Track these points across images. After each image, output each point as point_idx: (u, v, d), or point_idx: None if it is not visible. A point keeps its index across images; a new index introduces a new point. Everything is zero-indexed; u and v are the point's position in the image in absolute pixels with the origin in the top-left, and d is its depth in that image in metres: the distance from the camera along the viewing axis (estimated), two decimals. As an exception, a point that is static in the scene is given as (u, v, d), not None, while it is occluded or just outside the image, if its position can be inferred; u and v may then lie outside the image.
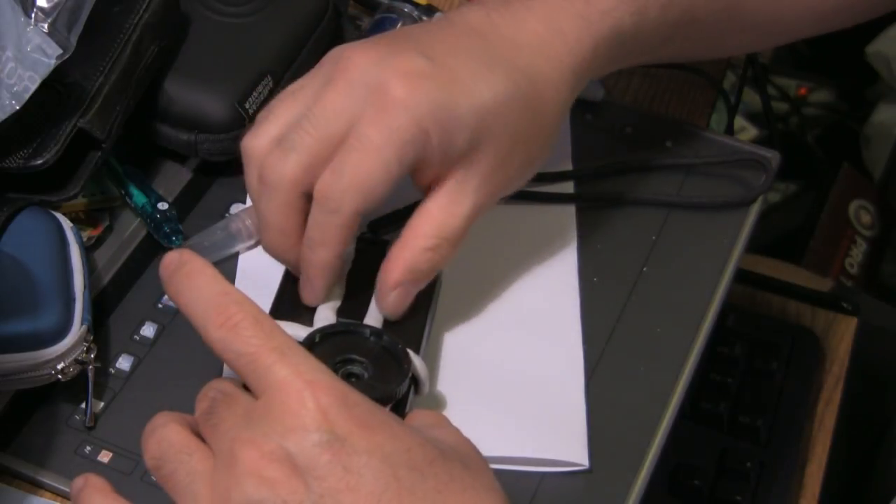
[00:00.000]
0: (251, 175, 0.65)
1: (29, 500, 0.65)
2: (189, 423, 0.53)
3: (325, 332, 0.61)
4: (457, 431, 0.55)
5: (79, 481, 0.54)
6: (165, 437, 0.52)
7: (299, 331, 0.62)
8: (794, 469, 0.82)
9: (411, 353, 0.61)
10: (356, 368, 0.60)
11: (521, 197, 0.76)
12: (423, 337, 0.65)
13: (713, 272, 0.74)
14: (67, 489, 0.64)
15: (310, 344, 0.60)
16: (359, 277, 0.66)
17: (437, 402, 0.66)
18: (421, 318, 0.66)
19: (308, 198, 0.63)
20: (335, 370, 0.58)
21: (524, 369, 0.68)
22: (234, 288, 0.53)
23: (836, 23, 0.80)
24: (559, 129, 0.68)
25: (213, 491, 0.49)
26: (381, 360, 0.61)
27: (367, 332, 0.61)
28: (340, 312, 0.64)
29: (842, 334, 0.90)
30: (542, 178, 0.77)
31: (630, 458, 0.65)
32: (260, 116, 0.66)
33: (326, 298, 0.65)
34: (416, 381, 0.62)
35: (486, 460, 0.54)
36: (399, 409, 0.60)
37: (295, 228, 0.64)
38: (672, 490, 0.81)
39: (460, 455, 0.52)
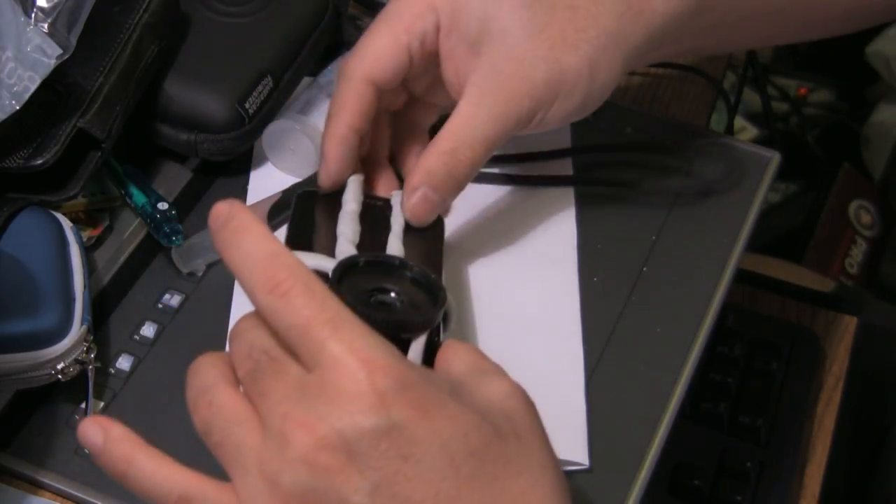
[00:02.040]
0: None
1: (29, 500, 0.65)
2: (231, 367, 0.51)
3: (355, 261, 0.58)
4: (504, 378, 0.53)
5: (95, 434, 0.51)
6: (216, 402, 0.50)
7: (324, 262, 0.58)
8: (794, 469, 0.82)
9: None
10: (390, 298, 0.57)
11: (521, 182, 0.76)
12: (440, 275, 0.64)
13: (713, 272, 0.74)
14: (67, 489, 0.64)
15: (342, 272, 0.57)
16: (372, 229, 0.64)
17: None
18: (436, 257, 0.65)
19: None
20: (369, 298, 0.56)
21: (524, 369, 0.68)
22: (285, 249, 0.50)
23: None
24: (599, 50, 0.66)
25: (263, 470, 0.48)
26: (413, 290, 0.58)
27: (397, 262, 0.59)
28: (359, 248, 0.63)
29: (842, 334, 0.90)
30: (541, 156, 0.77)
31: (630, 458, 0.65)
32: None
33: (340, 177, 0.66)
34: (445, 314, 0.60)
35: (537, 417, 0.52)
36: (434, 338, 0.58)
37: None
38: (672, 490, 0.81)
39: (514, 426, 0.50)
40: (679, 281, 0.73)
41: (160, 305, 0.71)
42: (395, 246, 0.63)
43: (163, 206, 0.73)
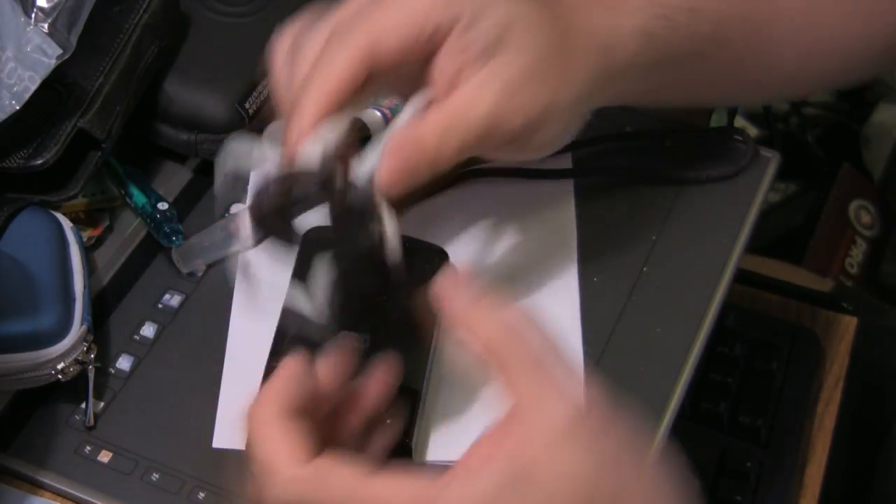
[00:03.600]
0: None
1: (29, 500, 0.65)
2: None
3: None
4: None
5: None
6: None
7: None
8: (794, 469, 0.82)
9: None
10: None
11: (522, 174, 0.76)
12: (424, 374, 0.64)
13: (713, 272, 0.74)
14: (67, 489, 0.64)
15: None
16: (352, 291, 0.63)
17: (435, 406, 0.66)
18: (423, 354, 0.65)
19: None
20: None
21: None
22: None
23: (860, 72, 0.79)
24: (585, 93, 0.65)
25: None
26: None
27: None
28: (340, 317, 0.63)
29: (842, 334, 0.90)
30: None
31: (630, 458, 0.65)
32: None
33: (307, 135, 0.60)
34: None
35: None
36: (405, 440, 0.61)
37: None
38: (672, 490, 0.81)
39: None
40: (679, 281, 0.73)
41: (160, 305, 0.71)
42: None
43: (163, 206, 0.73)
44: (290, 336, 0.65)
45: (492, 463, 0.51)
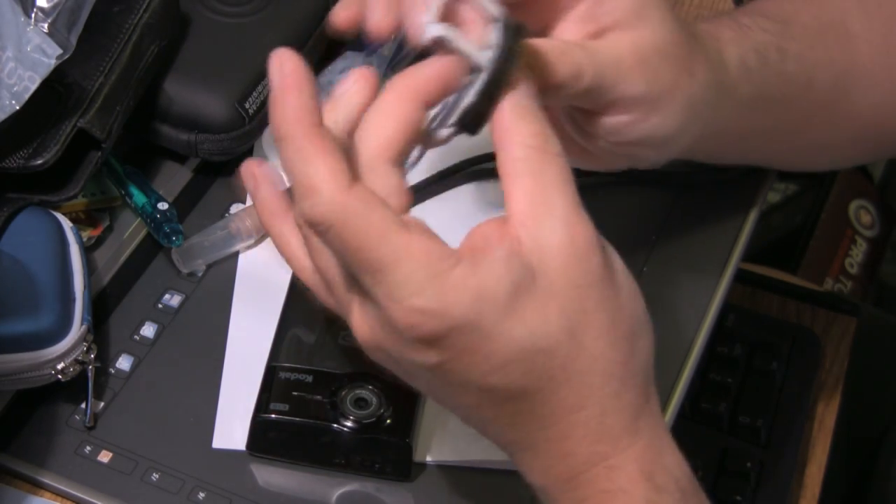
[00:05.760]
0: None
1: (29, 500, 0.65)
2: None
3: None
4: None
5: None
6: None
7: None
8: (794, 469, 0.82)
9: None
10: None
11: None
12: None
13: (713, 272, 0.74)
14: (67, 489, 0.64)
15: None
16: None
17: (435, 405, 0.66)
18: None
19: None
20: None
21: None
22: None
23: None
24: (700, 95, 0.63)
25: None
26: None
27: None
28: None
29: (842, 334, 0.90)
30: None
31: (630, 458, 0.65)
32: None
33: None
34: None
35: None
36: None
37: None
38: (672, 490, 0.81)
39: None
40: (679, 281, 0.73)
41: (160, 305, 0.71)
42: None
43: (163, 206, 0.73)
44: (290, 334, 0.66)
45: (499, 248, 0.54)
